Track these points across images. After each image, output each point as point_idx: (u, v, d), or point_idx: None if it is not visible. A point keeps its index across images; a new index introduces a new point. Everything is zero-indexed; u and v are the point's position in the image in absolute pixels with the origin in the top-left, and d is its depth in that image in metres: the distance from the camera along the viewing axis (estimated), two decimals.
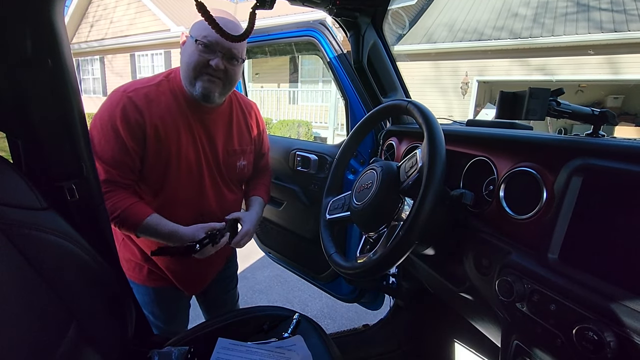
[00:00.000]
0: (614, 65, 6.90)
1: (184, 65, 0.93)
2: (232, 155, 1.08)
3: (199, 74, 0.92)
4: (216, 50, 0.90)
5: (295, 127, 7.99)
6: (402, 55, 8.72)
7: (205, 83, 0.92)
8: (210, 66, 0.91)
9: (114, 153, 0.89)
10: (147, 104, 0.91)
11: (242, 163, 1.11)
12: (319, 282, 1.67)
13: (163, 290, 1.12)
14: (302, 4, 1.00)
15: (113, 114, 0.88)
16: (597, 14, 7.20)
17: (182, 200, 1.00)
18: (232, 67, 0.94)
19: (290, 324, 0.98)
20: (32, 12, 0.62)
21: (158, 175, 0.96)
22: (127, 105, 0.89)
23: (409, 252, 0.67)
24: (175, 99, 0.96)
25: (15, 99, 0.65)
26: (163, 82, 0.97)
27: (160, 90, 0.95)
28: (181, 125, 0.96)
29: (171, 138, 0.94)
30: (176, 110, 0.95)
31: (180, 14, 9.90)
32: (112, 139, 0.88)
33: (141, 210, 0.92)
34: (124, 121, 0.88)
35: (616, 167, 0.54)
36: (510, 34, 7.71)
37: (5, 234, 0.56)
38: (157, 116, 0.92)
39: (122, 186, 0.93)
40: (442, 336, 1.44)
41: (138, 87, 0.93)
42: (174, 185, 0.98)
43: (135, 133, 0.89)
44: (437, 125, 0.70)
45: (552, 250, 0.59)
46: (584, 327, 0.49)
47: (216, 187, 1.06)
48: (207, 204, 1.04)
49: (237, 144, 1.09)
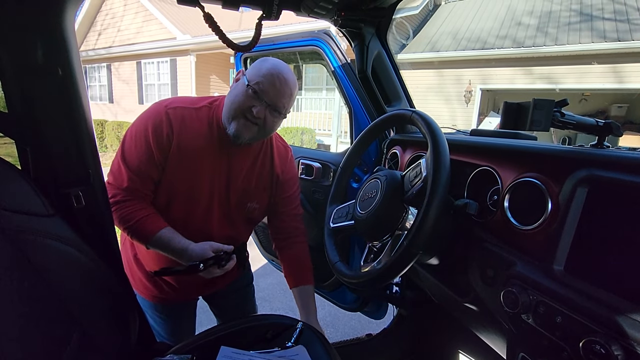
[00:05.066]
0: (618, 74, 6.90)
1: (229, 102, 0.94)
2: (245, 196, 1.05)
3: (239, 115, 0.92)
4: (263, 99, 0.90)
5: (299, 135, 8.02)
6: (406, 63, 8.76)
7: (240, 126, 0.92)
8: (251, 112, 0.90)
9: (140, 162, 0.90)
10: (181, 123, 0.92)
11: (253, 205, 1.08)
12: (322, 291, 1.66)
13: (172, 307, 1.12)
14: (307, 15, 1.01)
15: (148, 124, 0.91)
16: (601, 23, 7.21)
17: (183, 223, 0.98)
18: (272, 118, 0.94)
19: (294, 333, 0.97)
20: (44, 22, 0.63)
21: (168, 191, 0.96)
22: (163, 119, 0.91)
23: (414, 261, 0.67)
24: (210, 128, 0.97)
25: (25, 107, 0.66)
26: (204, 108, 0.98)
27: (199, 116, 0.96)
28: (205, 159, 0.96)
29: (192, 160, 0.94)
30: (207, 139, 0.96)
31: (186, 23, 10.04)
32: (142, 147, 0.90)
33: (156, 222, 0.92)
34: (156, 132, 0.90)
35: (621, 179, 0.54)
36: (513, 43, 7.73)
37: (12, 239, 0.57)
38: (186, 138, 0.93)
39: (141, 196, 0.93)
40: (446, 346, 1.42)
41: (179, 106, 0.94)
42: (180, 206, 0.97)
43: (163, 145, 0.91)
44: (441, 135, 0.71)
45: (558, 262, 0.58)
46: (591, 340, 0.48)
47: (224, 223, 1.04)
48: (208, 236, 1.01)
49: (253, 187, 1.06)
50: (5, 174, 0.62)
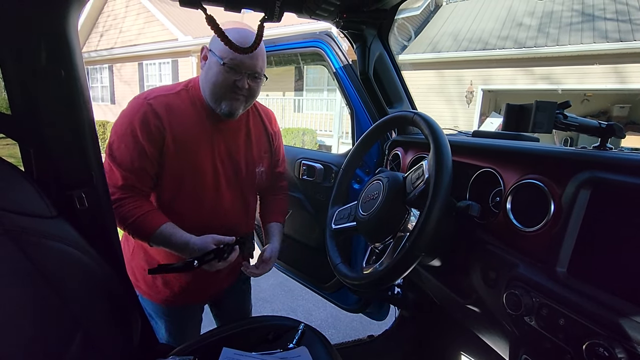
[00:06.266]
0: (620, 74, 6.88)
1: (209, 84, 0.94)
2: (252, 164, 1.08)
3: (226, 93, 0.93)
4: (242, 71, 0.92)
5: (300, 135, 8.03)
6: (407, 64, 8.76)
7: (232, 102, 0.94)
8: (236, 86, 0.92)
9: (132, 159, 0.89)
10: (167, 111, 0.92)
11: (260, 169, 1.11)
12: (323, 292, 1.66)
13: (179, 309, 1.11)
14: (309, 17, 1.02)
15: (133, 120, 0.89)
16: (603, 23, 7.20)
17: (193, 213, 0.99)
18: (254, 84, 0.96)
19: (296, 335, 0.97)
20: (47, 24, 0.63)
21: (173, 186, 0.96)
22: (148, 112, 0.90)
23: (416, 263, 0.66)
24: (195, 109, 0.97)
25: (28, 108, 0.66)
26: (183, 91, 0.98)
27: (182, 100, 0.96)
28: (201, 137, 0.96)
29: (190, 149, 0.95)
30: (196, 121, 0.96)
31: (188, 24, 10.06)
32: (131, 144, 0.89)
33: (156, 218, 0.92)
34: (144, 127, 0.89)
35: (624, 181, 0.53)
36: (515, 44, 7.72)
37: (15, 241, 0.57)
38: (177, 124, 0.93)
39: (139, 193, 0.93)
40: (448, 348, 1.41)
41: (158, 95, 0.94)
42: (187, 197, 0.97)
43: (154, 138, 0.90)
44: (443, 137, 0.71)
45: (561, 264, 0.58)
46: (594, 343, 0.48)
47: (235, 199, 1.06)
48: (223, 217, 1.03)
49: (255, 153, 1.09)
50: (8, 175, 0.62)
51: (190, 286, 1.07)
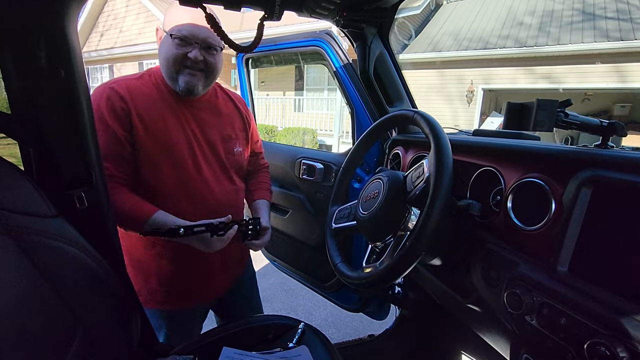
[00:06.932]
0: (621, 73, 6.87)
1: (163, 61, 0.94)
2: (228, 141, 1.07)
3: (179, 68, 0.92)
4: (192, 42, 0.91)
5: (301, 135, 8.02)
6: (408, 63, 8.76)
7: (187, 77, 0.93)
8: (189, 59, 0.91)
9: (107, 144, 0.88)
10: (129, 93, 0.92)
11: (238, 149, 1.10)
12: (323, 291, 1.66)
13: (178, 313, 1.10)
14: (309, 16, 1.01)
15: (99, 107, 0.89)
16: (603, 22, 7.18)
17: (182, 194, 0.97)
18: (211, 56, 0.94)
19: (295, 334, 0.97)
20: (47, 23, 0.63)
21: (153, 170, 0.94)
22: (111, 95, 0.90)
23: (416, 262, 0.66)
24: (159, 91, 0.97)
25: (28, 108, 0.66)
26: (145, 76, 0.98)
27: (143, 83, 0.96)
28: (168, 115, 0.95)
29: (159, 127, 0.93)
30: (160, 101, 0.96)
31: None
32: (102, 130, 0.87)
33: (146, 207, 0.90)
34: (110, 110, 0.89)
35: (626, 179, 0.53)
36: (515, 43, 7.71)
37: (16, 240, 0.57)
38: (142, 106, 0.92)
39: (120, 182, 0.91)
40: (449, 347, 1.41)
41: (120, 80, 0.94)
42: (171, 179, 0.95)
43: (122, 120, 0.90)
44: (444, 136, 0.70)
45: (562, 263, 0.58)
46: (595, 342, 0.48)
47: (217, 178, 1.04)
48: (210, 196, 1.01)
49: (230, 130, 1.08)
50: (8, 175, 0.62)
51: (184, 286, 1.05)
